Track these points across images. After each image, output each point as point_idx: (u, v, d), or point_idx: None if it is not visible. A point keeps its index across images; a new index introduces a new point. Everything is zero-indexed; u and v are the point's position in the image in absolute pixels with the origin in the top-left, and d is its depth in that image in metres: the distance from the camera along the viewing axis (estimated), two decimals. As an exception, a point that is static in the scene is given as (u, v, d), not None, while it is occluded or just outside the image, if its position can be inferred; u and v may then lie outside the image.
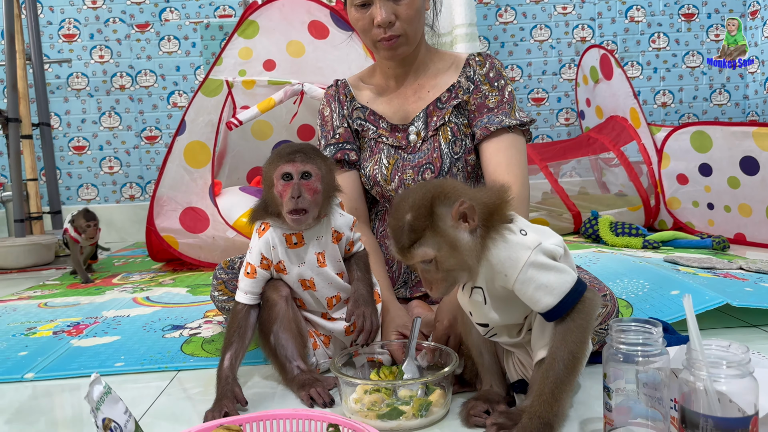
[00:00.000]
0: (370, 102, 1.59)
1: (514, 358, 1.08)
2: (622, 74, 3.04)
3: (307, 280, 1.24)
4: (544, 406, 0.90)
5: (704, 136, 2.58)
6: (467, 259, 0.91)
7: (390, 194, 1.54)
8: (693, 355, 0.75)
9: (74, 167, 3.63)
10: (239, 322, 1.21)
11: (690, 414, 0.75)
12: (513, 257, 0.92)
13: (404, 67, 1.54)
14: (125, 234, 3.60)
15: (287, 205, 1.13)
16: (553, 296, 0.91)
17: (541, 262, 0.92)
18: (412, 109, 1.55)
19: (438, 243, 0.91)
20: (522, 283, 0.91)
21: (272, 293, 1.24)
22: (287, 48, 2.60)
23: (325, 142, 1.59)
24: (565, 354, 0.90)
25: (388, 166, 1.52)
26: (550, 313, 0.92)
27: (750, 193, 2.47)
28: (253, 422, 0.96)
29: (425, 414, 1.02)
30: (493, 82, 1.50)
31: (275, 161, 1.17)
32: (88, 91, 3.58)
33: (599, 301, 0.95)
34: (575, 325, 0.91)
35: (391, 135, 1.54)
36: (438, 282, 0.94)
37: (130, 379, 1.35)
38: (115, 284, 2.40)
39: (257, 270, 1.22)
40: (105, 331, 1.72)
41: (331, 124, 1.59)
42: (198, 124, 2.48)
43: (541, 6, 3.63)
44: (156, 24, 3.56)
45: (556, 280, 0.91)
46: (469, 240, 0.92)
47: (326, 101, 1.63)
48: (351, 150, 1.57)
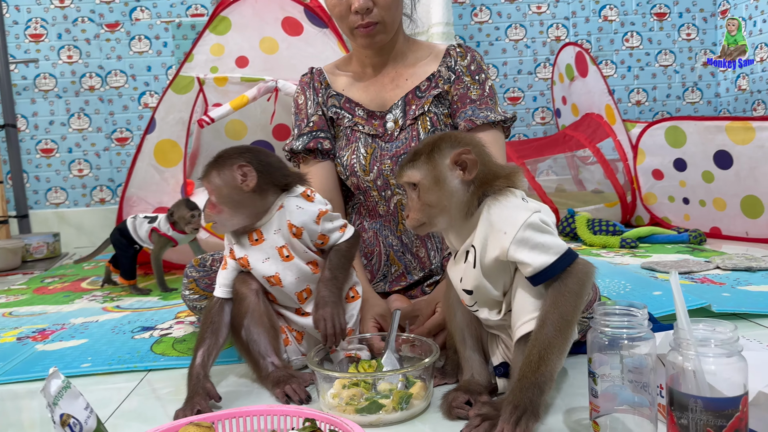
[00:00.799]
0: (346, 89, 1.55)
1: (498, 341, 1.06)
2: (597, 71, 3.05)
3: (271, 276, 1.19)
4: (531, 367, 0.88)
5: (678, 131, 2.59)
6: (445, 201, 0.95)
7: (367, 185, 1.50)
8: (681, 335, 0.73)
9: (42, 170, 3.53)
10: (212, 318, 1.17)
11: (678, 396, 0.72)
12: (514, 215, 0.93)
13: (381, 56, 1.51)
14: (95, 239, 3.50)
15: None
16: (549, 255, 0.91)
17: (539, 224, 0.93)
18: (390, 96, 1.52)
19: (425, 171, 0.96)
20: (519, 242, 0.91)
21: (241, 287, 1.20)
22: (260, 44, 2.55)
23: (299, 131, 1.55)
24: (556, 317, 0.88)
25: (366, 156, 1.48)
26: (543, 273, 0.90)
27: (724, 187, 2.48)
28: (225, 419, 0.92)
29: (405, 407, 0.99)
30: (474, 75, 1.48)
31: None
32: (56, 92, 3.49)
33: (593, 271, 0.93)
34: (567, 290, 0.90)
35: (368, 123, 1.51)
36: (414, 211, 0.98)
37: (97, 380, 1.29)
38: (84, 289, 2.33)
39: (227, 260, 1.20)
40: (72, 335, 1.65)
41: (306, 113, 1.55)
42: (168, 122, 2.43)
43: (516, 5, 3.63)
44: (126, 23, 3.49)
45: (553, 241, 0.92)
46: (457, 188, 0.96)
47: (301, 89, 1.59)
48: (325, 138, 1.52)
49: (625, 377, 0.82)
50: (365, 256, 1.52)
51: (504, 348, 1.05)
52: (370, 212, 1.54)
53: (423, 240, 1.51)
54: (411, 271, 1.52)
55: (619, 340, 0.81)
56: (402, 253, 1.51)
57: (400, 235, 1.51)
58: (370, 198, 1.52)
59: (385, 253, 1.51)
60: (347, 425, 0.84)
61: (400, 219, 1.50)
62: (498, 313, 1.00)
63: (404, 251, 1.51)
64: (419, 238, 1.51)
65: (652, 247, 2.46)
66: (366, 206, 1.54)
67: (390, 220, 1.52)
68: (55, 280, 2.56)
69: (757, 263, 1.91)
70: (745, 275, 1.85)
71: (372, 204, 1.52)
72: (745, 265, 1.91)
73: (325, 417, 0.88)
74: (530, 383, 0.88)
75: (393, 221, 1.51)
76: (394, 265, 1.51)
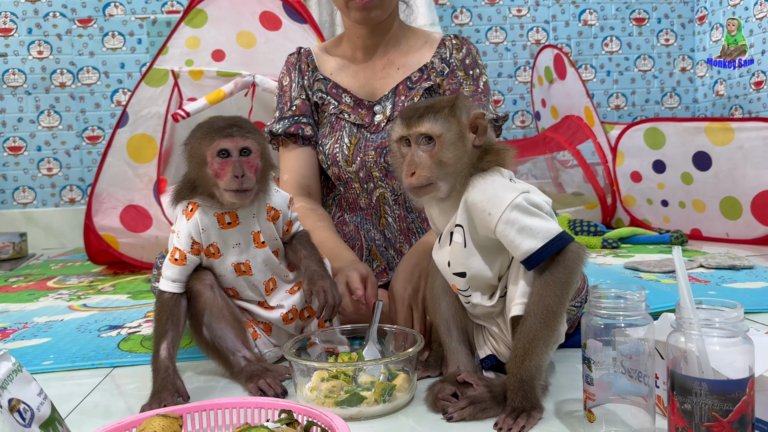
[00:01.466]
0: (334, 74, 1.49)
1: (484, 332, 1.01)
2: (575, 74, 3.04)
3: (242, 263, 1.12)
4: (516, 362, 0.86)
5: (657, 133, 2.59)
6: (458, 161, 0.91)
7: (349, 176, 1.44)
8: (683, 314, 0.69)
9: (9, 169, 3.41)
10: (171, 310, 1.08)
11: (681, 379, 0.68)
12: (499, 196, 0.88)
13: (374, 38, 1.46)
14: (65, 240, 3.39)
15: (229, 185, 1.02)
16: (536, 240, 0.86)
17: (526, 206, 0.88)
18: (380, 86, 1.46)
19: (449, 126, 0.91)
20: (505, 224, 0.87)
21: (195, 283, 1.11)
22: (237, 38, 2.49)
23: (280, 114, 1.49)
24: (540, 309, 0.85)
25: (350, 146, 1.42)
26: (531, 258, 0.85)
27: (703, 188, 2.48)
28: (195, 412, 0.85)
29: (388, 399, 0.93)
30: (468, 69, 1.44)
31: (208, 136, 1.03)
32: (25, 89, 3.38)
33: (585, 256, 0.89)
34: (554, 279, 0.86)
35: (354, 111, 1.45)
36: (422, 168, 0.90)
37: (58, 376, 1.22)
38: (50, 288, 2.23)
39: (187, 256, 1.09)
40: (34, 334, 1.57)
41: (289, 95, 1.49)
42: (143, 116, 2.34)
43: (496, 8, 3.62)
44: (99, 19, 3.40)
45: (540, 224, 0.87)
46: (468, 150, 0.92)
47: (286, 69, 1.53)
48: (307, 124, 1.47)
49: (621, 364, 0.78)
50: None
51: (490, 339, 1.00)
52: (350, 205, 1.49)
53: (407, 235, 1.46)
54: (393, 267, 1.47)
55: (614, 324, 0.77)
56: (385, 248, 1.46)
57: (383, 230, 1.46)
58: (351, 190, 1.47)
59: (367, 247, 1.46)
60: (326, 416, 0.78)
61: (383, 213, 1.45)
62: (491, 297, 0.95)
63: (387, 246, 1.46)
64: (402, 233, 1.45)
65: (634, 248, 2.44)
66: (346, 198, 1.49)
67: (372, 214, 1.46)
68: (20, 279, 2.46)
69: (741, 261, 1.90)
70: (729, 273, 1.83)
71: (353, 196, 1.47)
72: (729, 263, 1.89)
73: (302, 408, 0.82)
74: (517, 379, 0.86)
75: (375, 215, 1.46)
76: (376, 261, 1.46)
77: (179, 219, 1.11)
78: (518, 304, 0.89)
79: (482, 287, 0.95)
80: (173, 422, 0.74)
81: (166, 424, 0.72)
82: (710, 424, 0.66)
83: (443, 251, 0.97)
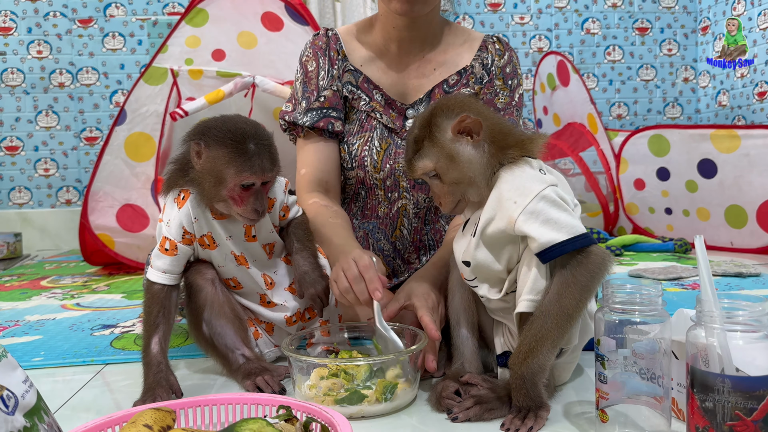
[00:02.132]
0: (364, 65, 1.38)
1: (504, 329, 0.97)
2: (579, 80, 3.02)
3: (238, 255, 1.08)
4: (519, 359, 0.82)
5: (662, 140, 2.56)
6: (468, 172, 0.89)
7: (374, 183, 1.36)
8: (705, 307, 0.65)
9: (6, 169, 3.37)
10: (162, 302, 1.03)
11: (702, 376, 0.64)
12: (527, 185, 0.85)
13: (412, 32, 1.34)
14: (60, 241, 3.35)
15: (247, 214, 1.00)
16: (561, 233, 0.82)
17: (554, 198, 0.85)
18: (413, 86, 1.37)
19: (436, 154, 0.90)
20: (529, 214, 0.83)
21: (196, 278, 1.07)
22: (238, 39, 2.46)
23: (307, 104, 1.36)
24: (556, 309, 0.80)
25: (380, 151, 1.34)
26: (551, 249, 0.81)
27: (708, 196, 2.45)
28: (188, 408, 0.82)
29: (390, 398, 0.89)
30: (507, 79, 1.36)
31: (235, 163, 0.97)
32: (23, 88, 3.35)
33: (609, 262, 0.84)
34: (575, 281, 0.81)
35: (385, 112, 1.35)
36: (445, 196, 0.92)
37: (49, 373, 1.18)
38: (44, 287, 2.19)
39: (178, 246, 1.04)
40: (25, 332, 1.52)
41: (316, 83, 1.37)
42: (141, 114, 2.31)
43: (499, 15, 3.61)
44: (100, 19, 3.38)
45: (567, 219, 0.83)
46: (472, 153, 0.89)
47: (312, 53, 1.39)
48: (337, 119, 1.35)
49: (634, 363, 0.74)
50: None
51: (508, 336, 0.96)
52: (365, 211, 1.42)
53: (417, 248, 1.41)
54: (398, 275, 1.43)
55: (629, 320, 0.74)
56: (392, 258, 1.41)
57: (395, 241, 1.40)
58: (373, 196, 1.39)
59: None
60: (326, 413, 0.74)
61: (399, 225, 1.39)
62: (499, 291, 0.91)
63: (395, 256, 1.41)
64: (414, 245, 1.40)
65: (637, 255, 2.41)
66: (365, 204, 1.41)
67: (387, 224, 1.40)
68: (13, 278, 2.41)
69: (747, 269, 1.87)
70: (735, 280, 1.80)
71: (374, 203, 1.40)
72: (735, 270, 1.86)
73: (301, 405, 0.78)
74: (519, 376, 0.83)
75: (390, 225, 1.40)
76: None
77: (169, 207, 1.06)
78: (525, 301, 0.85)
79: (491, 279, 0.92)
80: (166, 415, 0.70)
81: (159, 416, 0.68)
82: (733, 423, 0.62)
83: (463, 240, 0.94)
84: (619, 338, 0.75)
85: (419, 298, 1.04)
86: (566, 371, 0.97)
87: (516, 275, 0.88)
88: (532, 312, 0.84)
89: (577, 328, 0.88)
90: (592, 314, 0.88)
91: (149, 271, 1.05)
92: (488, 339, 1.02)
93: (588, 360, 1.06)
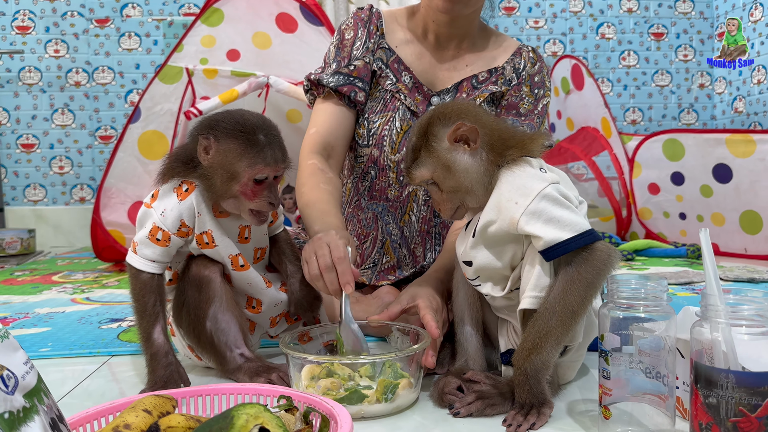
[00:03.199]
0: (399, 47, 1.39)
1: (508, 327, 0.96)
2: (593, 84, 3.01)
3: (238, 255, 1.05)
4: (522, 355, 0.82)
5: (677, 144, 2.54)
6: (464, 181, 0.88)
7: (388, 164, 1.36)
8: (710, 302, 0.64)
9: (21, 166, 3.41)
10: (155, 291, 0.99)
11: (706, 371, 0.63)
12: (527, 185, 0.84)
13: (450, 29, 1.35)
14: (73, 238, 3.38)
15: (262, 207, 0.98)
16: (565, 231, 0.81)
17: (555, 196, 0.84)
18: (442, 77, 1.38)
19: (432, 164, 0.90)
20: (531, 215, 0.82)
21: (203, 270, 1.02)
22: (253, 39, 2.48)
23: (337, 66, 1.36)
24: (561, 307, 0.80)
25: (400, 132, 1.35)
26: (556, 248, 0.81)
27: (723, 201, 2.42)
28: (190, 397, 0.82)
29: (391, 398, 0.88)
30: (534, 87, 1.36)
31: (248, 156, 0.95)
32: (40, 87, 3.39)
33: (615, 258, 0.83)
34: (580, 278, 0.80)
35: (410, 94, 1.36)
36: (443, 203, 0.93)
37: (55, 363, 1.18)
38: (55, 282, 2.21)
39: (171, 238, 0.99)
40: (34, 324, 1.54)
41: (350, 51, 1.37)
42: (155, 113, 2.34)
43: (513, 19, 3.61)
44: (117, 19, 3.41)
45: (570, 217, 0.82)
46: (468, 162, 0.89)
47: (353, 23, 1.40)
48: (362, 90, 1.35)
49: (639, 361, 0.73)
50: (357, 237, 1.42)
51: (513, 334, 0.95)
52: (372, 192, 1.41)
53: (424, 238, 1.41)
54: (402, 267, 1.42)
55: (633, 316, 0.73)
56: (399, 245, 1.41)
57: (403, 227, 1.40)
58: (384, 178, 1.39)
59: (381, 239, 1.40)
60: (327, 404, 0.74)
61: (408, 210, 1.39)
62: (502, 288, 0.91)
63: (401, 243, 1.41)
64: (421, 234, 1.40)
65: (649, 260, 2.39)
66: (373, 185, 1.40)
67: (397, 207, 1.40)
68: (26, 273, 2.44)
69: (760, 275, 1.84)
70: (748, 286, 1.77)
71: (383, 185, 1.39)
72: (748, 276, 1.83)
73: (301, 396, 0.78)
74: (522, 372, 0.82)
75: (400, 209, 1.39)
76: (386, 255, 1.41)
77: (166, 196, 1.00)
78: (528, 297, 0.84)
79: (494, 278, 0.91)
80: (166, 402, 0.70)
81: (159, 402, 0.69)
82: (737, 420, 0.61)
83: (464, 240, 0.93)
84: (623, 335, 0.74)
85: (424, 299, 1.03)
86: (571, 370, 0.96)
87: (520, 272, 0.87)
88: (535, 309, 0.84)
89: (582, 326, 0.87)
90: (597, 311, 0.87)
91: (135, 258, 1.00)
92: (492, 337, 1.01)
93: (593, 360, 1.05)
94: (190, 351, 1.08)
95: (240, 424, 0.56)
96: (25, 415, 0.58)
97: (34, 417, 0.59)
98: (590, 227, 0.84)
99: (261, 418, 0.58)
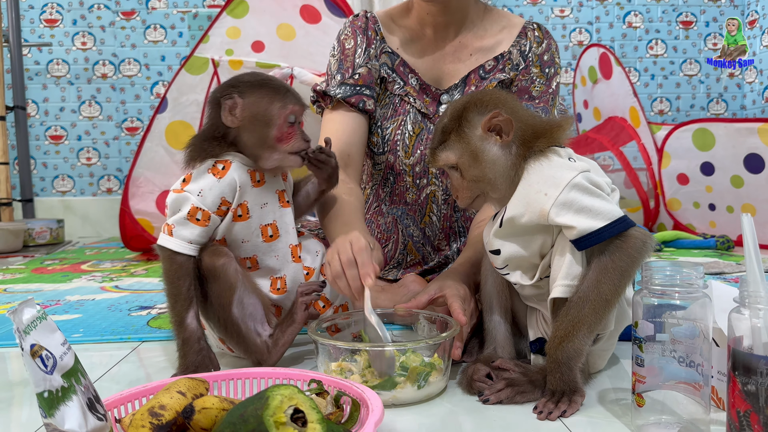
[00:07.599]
0: (401, 48, 1.36)
1: (538, 315, 0.96)
2: (621, 72, 2.96)
3: (269, 225, 1.04)
4: (554, 343, 0.81)
5: (707, 134, 2.49)
6: (489, 173, 0.87)
7: (403, 168, 1.35)
8: (751, 288, 0.63)
9: (50, 157, 3.47)
10: (191, 275, 0.98)
11: (744, 357, 0.62)
12: (557, 176, 0.83)
13: (446, 17, 1.32)
14: (101, 229, 3.43)
15: (299, 144, 1.01)
16: (597, 220, 0.80)
17: (586, 185, 0.82)
18: (449, 71, 1.35)
19: (461, 149, 0.89)
20: (561, 206, 0.81)
21: (218, 258, 0.99)
22: (277, 30, 2.48)
23: (341, 78, 1.34)
24: (594, 295, 0.79)
25: (412, 136, 1.33)
26: (589, 237, 0.80)
27: (755, 192, 2.37)
28: (221, 381, 0.83)
29: (423, 385, 0.87)
30: (544, 67, 1.33)
31: (279, 98, 0.99)
32: (68, 79, 3.44)
33: (650, 244, 0.81)
34: (614, 266, 0.79)
35: (419, 96, 1.34)
36: (462, 190, 0.91)
37: (87, 348, 1.20)
38: (84, 271, 2.24)
39: (211, 217, 0.99)
40: (66, 311, 1.57)
41: (352, 61, 1.35)
42: (182, 103, 2.36)
43: (539, 8, 3.57)
44: (142, 12, 3.45)
45: (602, 205, 0.81)
46: (497, 154, 0.87)
47: (351, 32, 1.37)
48: (369, 97, 1.32)
49: (672, 349, 0.72)
50: (378, 241, 1.41)
51: (542, 322, 0.95)
52: (393, 197, 1.41)
53: (447, 234, 1.39)
54: (428, 261, 1.42)
55: (668, 303, 0.72)
56: (422, 244, 1.40)
57: (424, 228, 1.39)
58: (401, 182, 1.38)
59: (403, 242, 1.40)
60: (357, 388, 0.74)
61: (428, 211, 1.38)
62: (531, 277, 0.90)
63: (424, 243, 1.40)
64: (444, 232, 1.39)
65: (677, 251, 2.35)
66: (393, 190, 1.40)
67: (416, 210, 1.39)
68: (56, 262, 2.48)
69: (793, 266, 1.80)
70: (780, 277, 1.74)
71: (402, 189, 1.39)
72: (780, 267, 1.79)
73: (332, 380, 0.78)
74: (554, 360, 0.81)
75: (419, 212, 1.38)
76: (410, 254, 1.41)
77: (200, 178, 1.00)
78: (560, 286, 0.83)
79: (523, 266, 0.90)
80: (199, 384, 0.71)
81: (192, 384, 0.69)
82: (777, 408, 0.60)
83: (492, 229, 0.92)
84: (657, 322, 0.73)
85: (451, 288, 1.03)
86: (602, 359, 0.95)
87: (549, 260, 0.87)
88: (566, 297, 0.83)
89: (614, 314, 0.86)
90: (629, 300, 0.86)
91: (171, 240, 0.98)
92: (521, 325, 1.00)
93: (624, 351, 1.04)
94: (221, 343, 1.08)
95: (275, 404, 0.56)
96: (64, 395, 0.60)
97: (72, 396, 0.60)
98: (623, 214, 0.82)
99: (295, 399, 0.58)
